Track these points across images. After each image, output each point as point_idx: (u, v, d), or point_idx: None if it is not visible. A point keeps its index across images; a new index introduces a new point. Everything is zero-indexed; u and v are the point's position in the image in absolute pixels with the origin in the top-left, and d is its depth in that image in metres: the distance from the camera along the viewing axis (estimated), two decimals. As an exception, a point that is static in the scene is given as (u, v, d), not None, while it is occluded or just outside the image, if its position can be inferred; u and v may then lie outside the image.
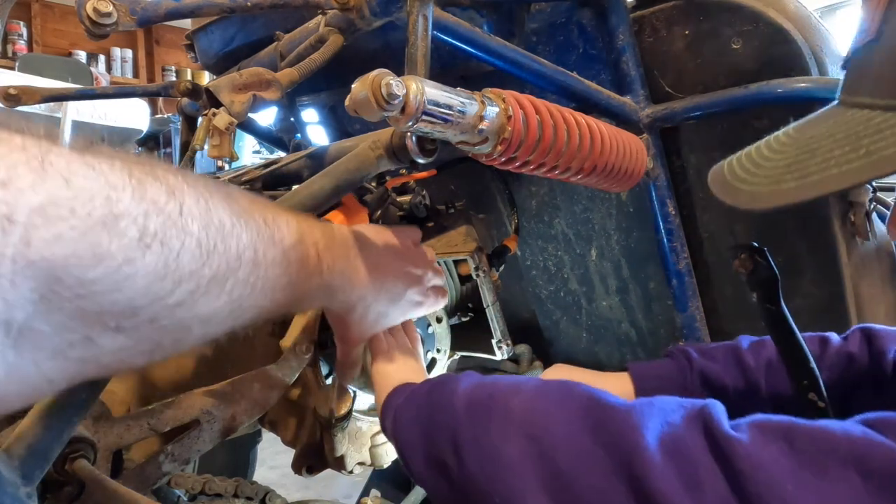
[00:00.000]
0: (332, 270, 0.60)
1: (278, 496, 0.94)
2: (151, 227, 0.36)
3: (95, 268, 0.33)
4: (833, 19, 4.36)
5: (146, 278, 0.36)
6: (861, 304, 0.95)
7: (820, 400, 0.65)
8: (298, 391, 0.86)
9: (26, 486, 0.55)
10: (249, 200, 0.50)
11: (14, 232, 0.30)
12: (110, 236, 0.34)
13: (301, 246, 0.54)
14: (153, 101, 4.41)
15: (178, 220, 0.38)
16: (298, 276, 0.54)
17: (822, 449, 0.40)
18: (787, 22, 0.86)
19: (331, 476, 0.94)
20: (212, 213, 0.42)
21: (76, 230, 0.32)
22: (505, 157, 0.63)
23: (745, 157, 0.55)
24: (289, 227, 0.53)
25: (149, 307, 0.37)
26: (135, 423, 0.73)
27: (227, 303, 0.44)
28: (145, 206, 0.36)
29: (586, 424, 0.48)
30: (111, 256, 0.34)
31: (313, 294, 0.60)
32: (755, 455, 0.41)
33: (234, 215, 0.45)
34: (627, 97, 0.93)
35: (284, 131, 1.50)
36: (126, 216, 0.35)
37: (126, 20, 0.76)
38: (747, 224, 0.98)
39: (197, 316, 0.42)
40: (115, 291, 0.35)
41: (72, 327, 0.34)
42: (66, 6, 5.10)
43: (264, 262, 0.48)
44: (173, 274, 0.38)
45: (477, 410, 0.55)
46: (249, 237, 0.46)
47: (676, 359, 0.80)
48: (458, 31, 0.74)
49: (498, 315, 1.06)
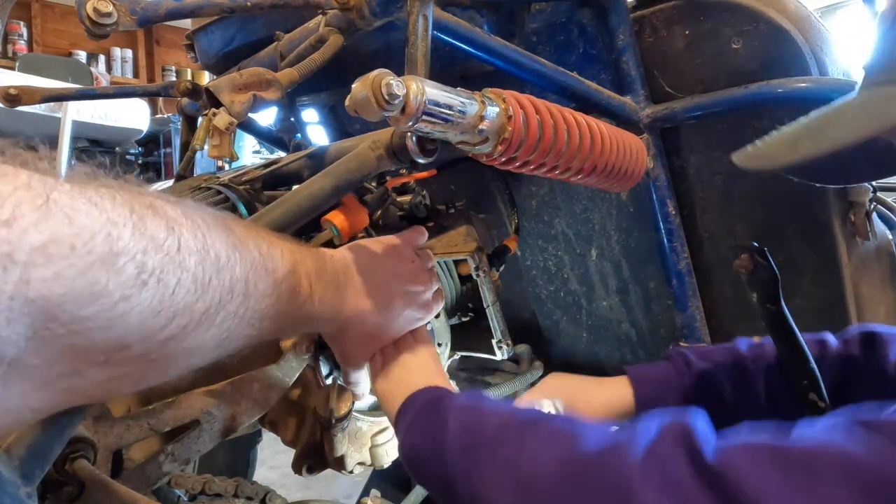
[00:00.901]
0: (322, 301, 0.60)
1: (278, 496, 0.93)
2: (150, 263, 0.36)
3: (91, 305, 0.33)
4: (833, 19, 4.36)
5: (141, 315, 0.36)
6: (861, 304, 0.95)
7: (820, 400, 0.65)
8: (298, 391, 0.86)
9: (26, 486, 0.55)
10: (245, 228, 0.50)
11: (14, 271, 0.30)
12: (108, 274, 0.33)
13: (293, 276, 0.54)
14: (153, 101, 4.41)
15: (175, 257, 0.38)
16: (288, 306, 0.53)
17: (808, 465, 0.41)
18: (787, 22, 0.86)
19: (331, 476, 0.94)
20: (208, 247, 0.42)
21: (74, 268, 0.32)
22: (505, 157, 0.63)
23: (767, 137, 0.59)
24: (282, 257, 0.53)
25: (140, 343, 0.37)
26: (135, 423, 0.73)
27: (215, 335, 0.44)
28: (144, 243, 0.36)
29: (575, 478, 0.48)
30: (108, 294, 0.34)
31: (303, 323, 0.60)
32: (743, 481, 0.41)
33: (230, 247, 0.44)
34: (627, 97, 0.93)
35: (284, 131, 1.50)
36: (125, 253, 0.35)
37: (126, 20, 0.76)
38: (747, 224, 0.98)
39: (186, 349, 0.42)
40: (108, 328, 0.34)
41: (62, 361, 0.34)
42: (66, 6, 5.10)
43: (255, 294, 0.47)
44: (168, 310, 0.38)
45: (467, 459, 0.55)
46: (243, 270, 0.45)
47: (674, 362, 0.80)
48: (458, 31, 0.74)
49: (498, 315, 1.06)
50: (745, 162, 0.58)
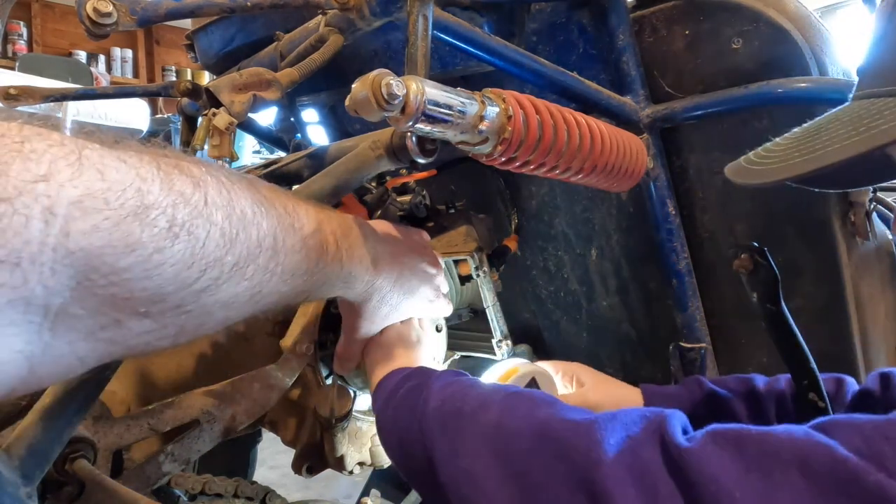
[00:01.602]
0: (350, 258, 0.61)
1: (278, 496, 0.93)
2: (179, 217, 0.38)
3: (127, 257, 0.35)
4: (833, 19, 4.36)
5: (175, 267, 0.38)
6: (861, 304, 0.95)
7: (820, 400, 0.65)
8: (298, 391, 0.86)
9: (26, 486, 0.55)
10: (269, 189, 0.51)
11: (55, 224, 0.32)
12: (142, 226, 0.35)
13: (319, 234, 0.55)
14: (153, 101, 4.40)
15: (203, 211, 0.40)
16: (317, 262, 0.55)
17: (767, 452, 0.41)
18: (787, 22, 0.86)
19: (331, 476, 0.94)
20: (234, 203, 0.43)
21: (109, 221, 0.34)
22: (505, 157, 0.63)
23: (760, 149, 0.59)
24: (307, 215, 0.54)
25: (176, 294, 0.39)
26: (135, 423, 0.73)
27: (247, 288, 0.46)
28: (173, 198, 0.38)
29: (549, 441, 0.49)
30: (142, 246, 0.35)
31: (333, 281, 0.61)
32: (705, 465, 0.42)
33: (255, 204, 0.46)
34: (627, 97, 0.93)
35: (284, 131, 1.50)
36: (156, 207, 0.36)
37: (126, 20, 0.76)
38: (747, 224, 0.98)
39: (219, 301, 0.43)
40: (145, 279, 0.36)
41: (104, 311, 0.36)
42: (66, 6, 5.10)
43: (283, 249, 0.49)
44: (199, 262, 0.40)
45: (448, 427, 0.56)
46: (269, 225, 0.47)
47: (688, 386, 0.81)
48: (458, 31, 0.74)
49: (498, 315, 1.06)
50: (737, 176, 0.58)
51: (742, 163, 0.59)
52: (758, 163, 0.57)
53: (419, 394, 0.61)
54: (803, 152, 0.52)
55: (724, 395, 0.77)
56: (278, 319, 0.89)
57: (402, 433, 0.60)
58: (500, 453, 0.51)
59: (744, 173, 0.57)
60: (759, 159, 0.57)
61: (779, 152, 0.56)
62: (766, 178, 0.54)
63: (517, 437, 0.51)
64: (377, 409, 0.66)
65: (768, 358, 1.02)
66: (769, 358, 1.02)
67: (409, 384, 0.64)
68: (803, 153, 0.52)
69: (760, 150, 0.59)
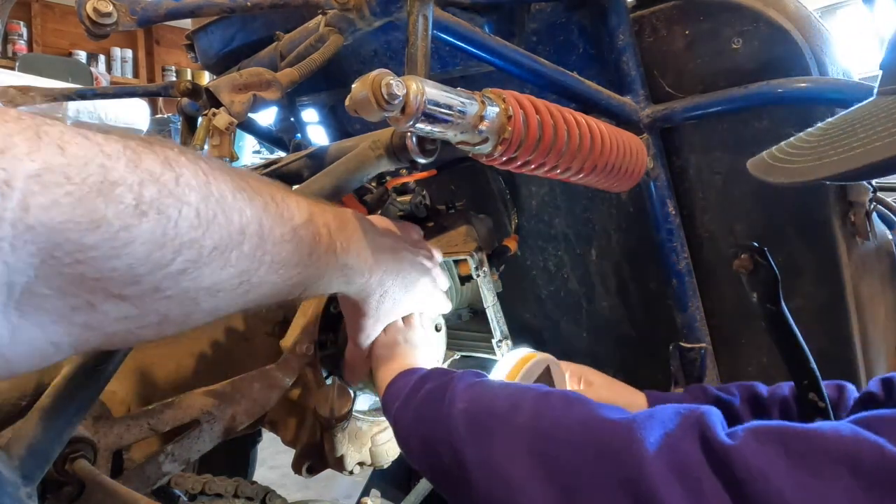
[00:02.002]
0: (346, 251, 0.61)
1: (278, 496, 0.93)
2: (147, 195, 0.37)
3: (93, 233, 0.34)
4: (833, 19, 4.36)
5: (145, 245, 0.37)
6: (861, 304, 0.95)
7: (820, 400, 0.65)
8: (298, 391, 0.86)
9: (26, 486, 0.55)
10: (257, 180, 0.50)
11: (12, 197, 0.31)
12: (106, 202, 0.34)
13: (311, 225, 0.55)
14: (153, 101, 4.40)
15: (174, 190, 0.39)
16: (311, 254, 0.54)
17: (816, 450, 0.41)
18: (787, 22, 0.86)
19: (331, 476, 0.94)
20: (211, 186, 0.43)
21: (72, 196, 0.33)
22: (505, 157, 0.63)
23: (784, 145, 0.57)
24: (299, 206, 0.54)
25: (150, 275, 0.38)
26: (135, 423, 0.73)
27: (233, 275, 0.45)
28: (140, 175, 0.37)
29: (589, 440, 0.49)
30: (108, 223, 0.35)
31: (330, 274, 0.60)
32: (751, 462, 0.41)
33: (237, 190, 0.45)
34: (627, 97, 0.93)
35: (284, 131, 1.50)
36: (121, 183, 0.35)
37: (126, 20, 0.76)
38: (747, 224, 0.98)
39: (203, 287, 0.43)
40: (113, 258, 0.36)
41: (73, 292, 0.35)
42: (66, 6, 5.10)
43: (271, 238, 0.48)
44: (172, 242, 0.39)
45: (479, 428, 0.55)
46: (254, 212, 0.46)
47: (692, 393, 0.81)
48: (458, 31, 0.74)
49: (498, 315, 1.06)
50: (766, 174, 0.56)
51: (767, 159, 0.57)
52: (787, 160, 0.55)
53: (443, 394, 0.60)
54: (839, 150, 0.51)
55: (727, 400, 0.77)
56: (278, 319, 0.89)
57: (425, 434, 0.59)
58: (537, 453, 0.50)
59: (775, 172, 0.55)
60: (787, 156, 0.55)
61: (809, 149, 0.54)
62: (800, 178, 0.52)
63: (555, 437, 0.50)
64: (394, 410, 0.64)
65: (768, 358, 1.02)
66: (769, 358, 1.02)
67: (429, 385, 0.63)
68: (839, 151, 0.51)
69: (785, 147, 0.57)
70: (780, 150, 0.57)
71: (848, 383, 0.76)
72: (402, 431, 0.63)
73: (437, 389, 0.61)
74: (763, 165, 0.57)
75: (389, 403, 0.66)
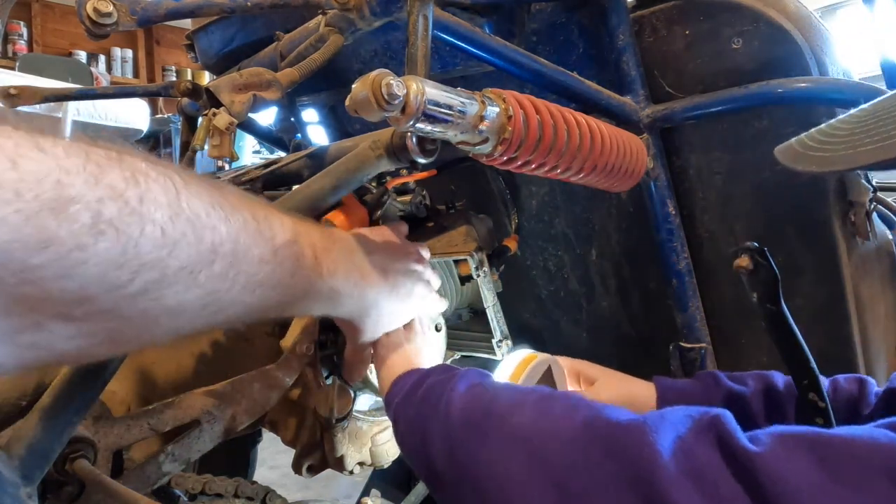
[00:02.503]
0: (333, 274, 0.58)
1: (278, 496, 0.93)
2: (106, 213, 0.35)
3: (40, 254, 0.32)
4: (833, 19, 4.36)
5: (100, 266, 0.35)
6: (861, 304, 0.95)
7: (820, 400, 0.65)
8: (298, 391, 0.86)
9: (26, 486, 0.55)
10: (239, 196, 0.48)
11: None
12: (59, 221, 0.33)
13: (295, 246, 0.52)
14: (153, 101, 4.41)
15: (137, 208, 0.37)
16: (293, 275, 0.52)
17: (850, 458, 0.39)
18: (787, 22, 0.86)
19: (331, 476, 0.94)
20: (182, 203, 0.40)
21: (21, 214, 0.31)
22: (505, 157, 0.63)
23: (814, 132, 0.55)
24: (282, 226, 0.52)
25: (104, 296, 0.36)
26: (135, 423, 0.73)
27: (200, 296, 0.42)
28: (101, 192, 0.35)
29: (595, 441, 0.47)
30: (60, 242, 0.33)
31: (314, 297, 0.58)
32: (777, 468, 0.39)
33: (212, 207, 0.43)
34: (627, 97, 0.93)
35: (284, 131, 1.51)
36: (78, 201, 0.33)
37: (126, 20, 0.76)
38: (747, 224, 0.98)
39: (165, 307, 0.40)
40: (63, 278, 0.34)
41: (18, 312, 0.33)
42: (66, 6, 5.10)
43: (248, 258, 0.46)
44: (132, 262, 0.36)
45: (474, 426, 0.54)
46: (229, 230, 0.44)
47: (703, 381, 0.79)
48: (459, 31, 0.74)
49: (498, 315, 1.06)
50: (795, 162, 0.53)
51: (796, 147, 0.54)
52: (820, 148, 0.52)
53: (441, 393, 0.59)
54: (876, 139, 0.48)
55: (739, 391, 0.75)
56: (279, 321, 0.89)
57: (423, 433, 0.58)
58: (536, 454, 0.49)
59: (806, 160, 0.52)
60: (819, 144, 0.52)
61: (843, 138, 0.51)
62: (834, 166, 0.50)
63: (556, 439, 0.49)
64: (394, 408, 0.64)
65: (768, 358, 1.02)
66: (769, 358, 1.02)
67: (430, 381, 0.62)
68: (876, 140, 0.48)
69: (815, 135, 0.54)
70: (811, 137, 0.54)
71: (869, 378, 0.74)
72: (402, 429, 0.63)
73: (438, 385, 0.61)
74: (792, 153, 0.54)
75: (390, 401, 0.66)
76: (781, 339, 0.67)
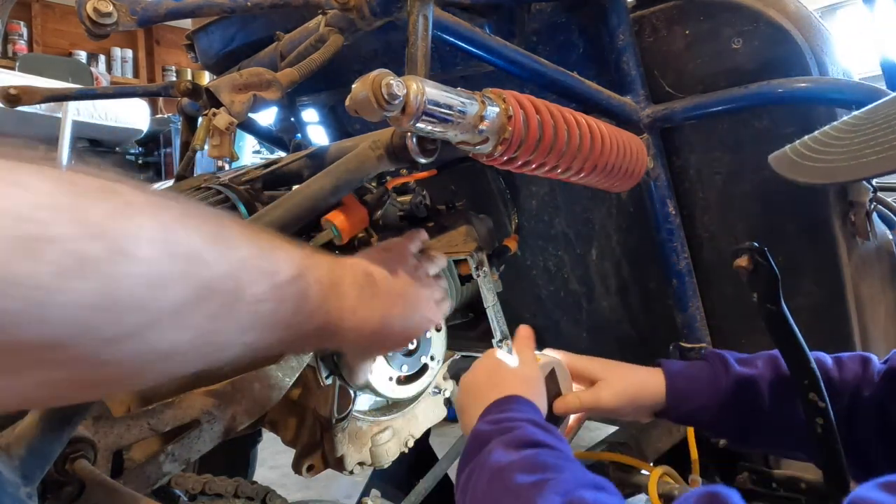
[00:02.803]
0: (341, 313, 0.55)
1: (278, 496, 0.93)
2: (89, 252, 0.32)
3: (10, 298, 0.30)
4: (833, 19, 4.36)
5: (80, 310, 0.32)
6: (861, 304, 0.95)
7: (820, 400, 0.65)
8: (298, 391, 0.86)
9: (26, 486, 0.55)
10: (245, 229, 0.46)
11: None
12: (35, 263, 0.30)
13: (300, 282, 0.49)
14: (153, 101, 4.40)
15: (124, 247, 0.34)
16: (295, 314, 0.49)
17: None
18: (787, 22, 0.86)
19: (331, 476, 0.94)
20: (176, 240, 0.38)
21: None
22: (505, 157, 0.63)
23: (809, 140, 0.53)
24: (288, 261, 0.48)
25: (80, 340, 0.33)
26: (135, 423, 0.73)
27: (193, 337, 0.40)
28: (84, 230, 0.32)
29: None
30: (32, 285, 0.30)
31: (318, 337, 0.55)
32: None
33: (210, 243, 0.40)
34: (627, 97, 0.93)
35: (284, 131, 1.51)
36: (58, 241, 0.31)
37: (126, 20, 0.76)
38: (747, 224, 0.98)
39: (154, 350, 0.37)
40: (36, 322, 0.31)
41: None
42: (66, 6, 5.10)
43: (247, 296, 0.43)
44: (116, 305, 0.34)
45: None
46: (228, 268, 0.41)
47: (711, 362, 0.78)
48: (459, 31, 0.74)
49: (498, 315, 1.06)
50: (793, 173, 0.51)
51: (791, 156, 0.52)
52: (818, 158, 0.50)
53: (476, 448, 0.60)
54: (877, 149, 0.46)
55: (749, 375, 0.74)
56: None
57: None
58: None
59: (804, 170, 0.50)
60: (815, 153, 0.51)
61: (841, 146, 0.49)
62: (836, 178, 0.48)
63: None
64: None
65: (768, 358, 1.02)
66: (769, 358, 1.02)
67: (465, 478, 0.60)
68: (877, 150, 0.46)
69: (810, 143, 0.52)
70: (805, 145, 0.52)
71: (871, 355, 0.73)
72: None
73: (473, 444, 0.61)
74: (788, 162, 0.52)
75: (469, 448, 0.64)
76: (781, 339, 0.67)
